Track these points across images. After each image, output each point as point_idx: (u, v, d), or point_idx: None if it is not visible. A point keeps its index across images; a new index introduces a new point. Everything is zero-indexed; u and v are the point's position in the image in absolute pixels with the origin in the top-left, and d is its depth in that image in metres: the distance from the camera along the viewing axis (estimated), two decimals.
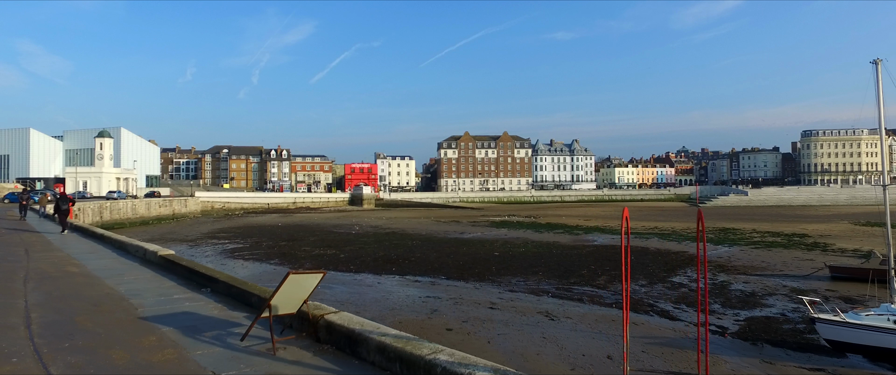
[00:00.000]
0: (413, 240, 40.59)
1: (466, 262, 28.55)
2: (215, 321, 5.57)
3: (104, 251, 11.71)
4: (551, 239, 40.84)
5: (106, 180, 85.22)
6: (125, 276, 8.58)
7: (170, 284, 7.68)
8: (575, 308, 18.10)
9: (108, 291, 7.35)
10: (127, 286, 7.73)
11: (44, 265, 9.73)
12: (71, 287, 7.79)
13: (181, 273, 7.93)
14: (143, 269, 9.17)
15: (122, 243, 11.50)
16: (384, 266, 27.10)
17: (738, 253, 31.40)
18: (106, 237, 13.05)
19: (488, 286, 22.12)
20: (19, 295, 7.07)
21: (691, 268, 26.34)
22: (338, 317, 4.12)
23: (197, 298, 6.60)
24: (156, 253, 9.09)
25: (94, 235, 14.48)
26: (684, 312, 17.47)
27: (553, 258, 29.90)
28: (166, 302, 6.52)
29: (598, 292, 21.01)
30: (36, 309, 6.27)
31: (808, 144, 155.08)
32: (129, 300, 6.68)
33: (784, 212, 78.48)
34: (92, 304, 6.51)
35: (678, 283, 22.69)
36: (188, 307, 6.18)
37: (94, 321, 5.59)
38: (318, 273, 4.30)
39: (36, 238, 15.43)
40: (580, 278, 23.87)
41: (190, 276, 7.61)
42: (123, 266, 9.70)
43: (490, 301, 18.92)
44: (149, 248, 9.66)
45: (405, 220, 65.73)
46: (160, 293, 7.11)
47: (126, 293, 7.17)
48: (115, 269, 9.41)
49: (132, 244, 10.69)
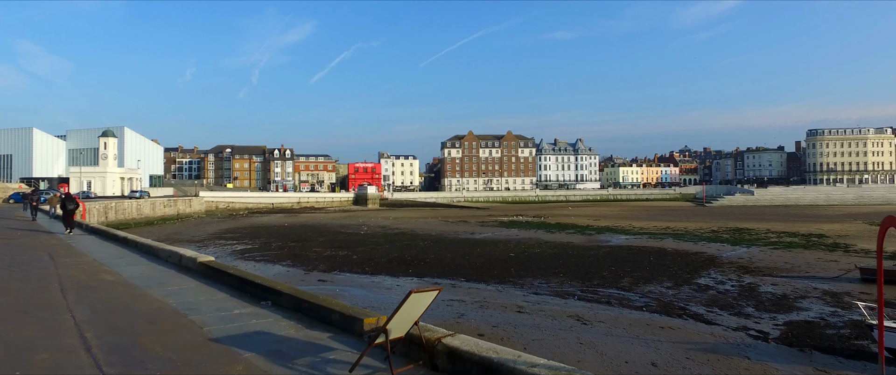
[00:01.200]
0: (424, 241, 40.06)
1: (483, 263, 28.01)
2: (300, 344, 5.02)
3: (132, 255, 11.18)
4: (564, 240, 40.29)
5: (110, 180, 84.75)
6: (167, 286, 8.04)
7: (221, 295, 7.12)
8: (605, 312, 17.55)
9: (158, 304, 6.82)
10: (175, 298, 7.19)
11: (75, 272, 9.23)
12: (115, 299, 7.26)
13: (229, 283, 7.37)
14: (183, 277, 8.66)
15: (149, 247, 10.96)
16: (400, 268, 26.57)
17: (758, 254, 30.83)
18: (130, 240, 12.49)
19: (510, 288, 21.59)
20: (63, 309, 6.54)
21: (715, 269, 25.79)
22: (459, 341, 3.56)
23: (260, 313, 6.06)
24: (195, 260, 8.55)
25: (115, 238, 13.94)
26: (719, 315, 16.92)
27: (570, 259, 29.34)
28: (230, 319, 5.96)
29: (625, 294, 20.46)
30: (89, 327, 5.73)
31: (813, 143, 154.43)
32: (186, 316, 6.14)
33: (793, 212, 77.88)
34: (147, 321, 6.00)
35: (704, 285, 22.12)
36: (257, 325, 5.62)
37: (162, 344, 5.06)
38: (434, 290, 3.76)
39: (55, 241, 14.91)
40: (603, 280, 23.32)
41: (241, 286, 7.05)
42: (160, 274, 9.20)
43: (516, 305, 18.38)
44: (185, 253, 9.13)
45: (412, 220, 65.22)
46: (217, 307, 6.55)
47: (178, 306, 6.62)
48: (153, 277, 8.88)
49: (162, 249, 10.15)
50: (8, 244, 14.79)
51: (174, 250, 9.76)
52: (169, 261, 9.77)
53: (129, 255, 11.19)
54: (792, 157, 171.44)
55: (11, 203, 58.47)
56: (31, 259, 10.96)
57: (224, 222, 66.31)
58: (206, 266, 8.23)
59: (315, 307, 5.38)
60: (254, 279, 6.78)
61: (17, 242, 14.77)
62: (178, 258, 9.27)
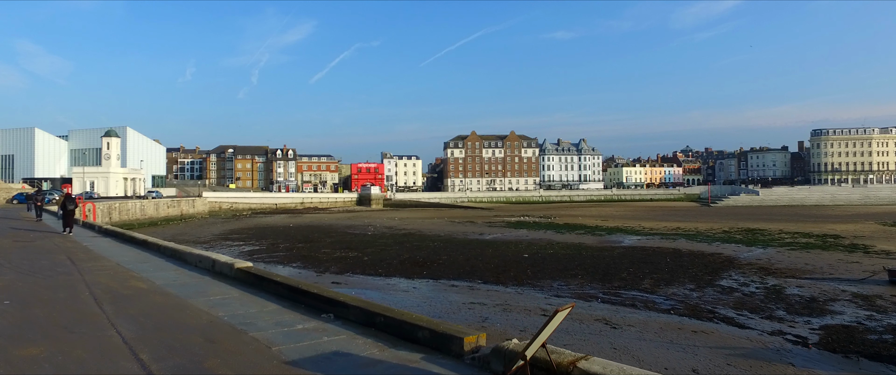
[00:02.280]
0: (434, 241, 39.56)
1: (497, 264, 27.51)
2: (393, 369, 4.40)
3: (156, 259, 10.62)
4: (575, 240, 39.79)
5: (113, 181, 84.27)
6: (208, 295, 7.43)
7: (272, 307, 6.51)
8: (632, 315, 17.04)
9: (208, 317, 6.21)
10: (223, 310, 6.58)
11: (102, 278, 8.69)
12: (158, 311, 6.66)
13: (276, 292, 6.78)
14: (221, 285, 8.08)
15: (174, 251, 10.42)
16: (413, 270, 26.07)
17: (776, 255, 30.30)
18: (150, 242, 11.97)
19: (530, 290, 21.08)
20: (103, 323, 5.97)
21: (735, 271, 25.28)
22: (599, 367, 3.04)
23: (327, 328, 5.47)
24: (232, 266, 8.00)
25: (133, 240, 13.39)
26: (750, 319, 16.40)
27: (586, 261, 28.83)
28: (296, 336, 5.32)
29: (648, 296, 19.94)
30: (141, 347, 5.12)
31: (817, 143, 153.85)
32: (246, 332, 5.52)
33: (800, 212, 77.36)
34: (205, 338, 5.38)
35: (728, 287, 21.60)
36: (331, 343, 5.01)
37: (232, 368, 4.45)
38: (566, 306, 3.26)
39: (70, 244, 14.41)
40: (623, 281, 22.81)
41: (291, 296, 6.46)
42: (195, 281, 8.59)
43: (539, 308, 17.87)
44: (218, 258, 8.60)
45: (418, 220, 64.74)
46: (275, 321, 5.92)
47: (231, 320, 6.00)
48: (189, 285, 8.28)
49: (190, 253, 9.61)
50: (24, 248, 14.40)
51: (205, 254, 9.20)
52: (199, 266, 9.28)
53: (153, 259, 10.62)
54: (796, 157, 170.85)
55: (15, 204, 58.00)
56: (52, 264, 10.53)
57: (228, 223, 65.90)
58: (245, 273, 7.68)
59: (394, 323, 4.80)
60: (308, 288, 6.21)
61: (32, 245, 14.18)
62: (211, 263, 8.70)
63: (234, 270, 8.16)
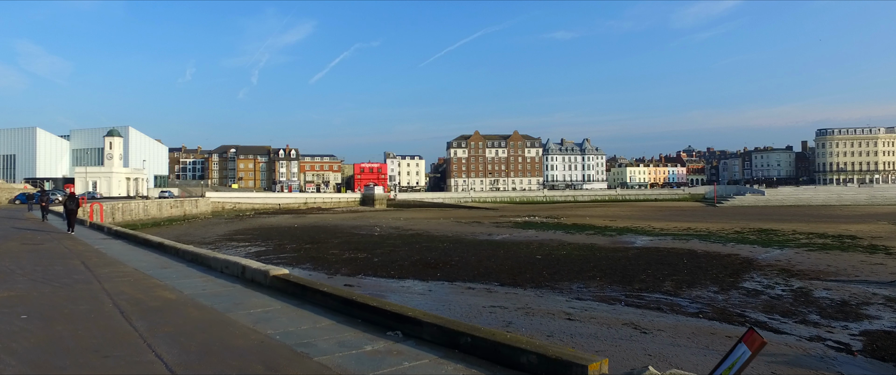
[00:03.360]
0: (443, 242, 38.98)
1: (512, 266, 26.91)
2: None
3: (177, 264, 9.90)
4: (586, 241, 39.18)
5: (116, 180, 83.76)
6: (247, 307, 6.69)
7: (326, 322, 5.76)
8: (660, 319, 16.43)
9: (259, 337, 5.40)
10: (273, 327, 5.77)
11: (124, 287, 8.03)
12: (198, 329, 5.86)
13: (324, 304, 5.99)
14: (258, 295, 7.35)
15: (195, 255, 9.74)
16: (427, 272, 25.47)
17: (795, 256, 29.67)
18: (167, 246, 11.33)
19: (550, 293, 20.47)
20: (139, 345, 5.20)
21: (756, 272, 24.65)
22: None
23: (402, 350, 4.75)
24: (266, 274, 7.29)
25: (147, 243, 12.74)
26: (784, 323, 15.78)
27: (601, 262, 28.22)
28: (370, 361, 4.59)
29: (673, 299, 19.33)
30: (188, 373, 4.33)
31: (822, 142, 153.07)
32: (309, 356, 4.76)
33: (808, 212, 76.69)
34: (265, 366, 4.59)
35: (752, 289, 20.98)
36: (416, 370, 4.32)
37: None
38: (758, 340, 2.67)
39: (81, 246, 13.77)
40: (643, 283, 22.21)
41: (345, 309, 5.76)
42: (227, 290, 7.88)
43: (563, 311, 17.26)
44: (249, 265, 7.89)
45: (424, 221, 64.15)
46: (336, 341, 5.18)
47: (286, 340, 5.26)
48: (221, 295, 7.55)
49: (215, 258, 8.91)
50: (34, 251, 13.89)
51: (233, 259, 8.45)
52: (226, 273, 8.59)
53: (174, 264, 9.89)
54: (800, 156, 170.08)
55: (17, 204, 57.48)
56: (67, 270, 9.82)
57: (232, 223, 65.39)
58: (283, 281, 6.97)
59: (486, 345, 4.09)
60: (366, 300, 5.47)
61: (42, 248, 13.46)
62: (240, 270, 7.99)
63: (269, 278, 7.44)
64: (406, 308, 5.19)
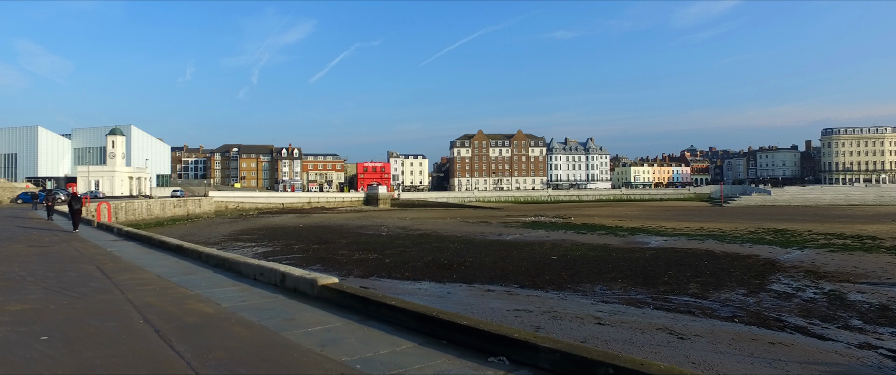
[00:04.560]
0: (453, 243, 38.24)
1: (528, 267, 26.19)
2: None
3: (201, 270, 8.91)
4: (599, 241, 38.44)
5: (118, 180, 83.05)
6: (305, 326, 5.67)
7: (407, 345, 4.82)
8: (694, 323, 15.68)
9: (334, 366, 4.39)
10: (344, 351, 4.79)
11: (151, 298, 7.14)
12: (253, 354, 4.85)
13: (394, 320, 5.12)
14: (309, 308, 6.41)
15: (222, 259, 8.81)
16: (441, 273, 24.74)
17: (817, 257, 28.92)
18: (186, 249, 10.52)
19: (573, 295, 19.74)
20: None
21: (782, 274, 23.90)
22: None
23: None
24: (314, 283, 6.31)
25: (163, 245, 11.89)
26: (826, 329, 15.03)
27: (619, 263, 27.48)
28: None
29: (701, 302, 18.60)
30: None
31: (828, 142, 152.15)
32: None
33: (817, 212, 75.90)
34: None
35: (782, 292, 20.23)
36: None
37: None
38: None
39: (93, 249, 12.97)
40: (668, 286, 21.47)
41: (425, 328, 4.81)
42: (270, 302, 6.93)
43: (591, 316, 16.51)
44: (290, 272, 6.93)
45: (430, 220, 63.43)
46: (433, 370, 4.29)
47: (368, 370, 4.35)
48: (266, 308, 6.63)
49: (246, 263, 7.96)
50: (42, 254, 13.07)
51: (268, 265, 7.46)
52: (261, 281, 7.61)
53: (198, 270, 8.89)
54: (805, 156, 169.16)
55: (20, 203, 56.81)
56: (82, 277, 8.93)
57: (236, 223, 64.73)
58: (335, 292, 5.95)
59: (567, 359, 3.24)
60: (453, 318, 4.41)
61: (51, 251, 12.54)
62: (279, 278, 7.12)
63: (317, 288, 6.46)
64: (511, 329, 4.41)
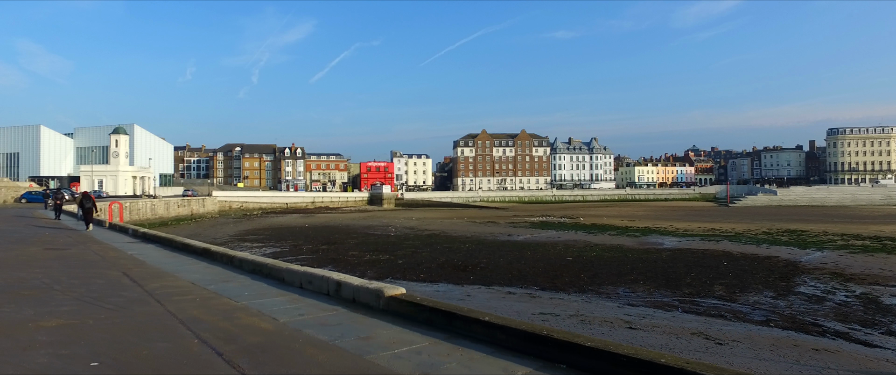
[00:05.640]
0: (464, 243, 37.67)
1: (545, 268, 25.60)
2: None
3: (236, 276, 8.43)
4: (612, 242, 37.86)
5: (122, 179, 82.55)
6: (385, 345, 5.01)
7: (522, 371, 4.15)
8: (729, 328, 15.07)
9: None
10: None
11: (195, 310, 6.40)
12: None
13: (490, 338, 4.49)
14: (380, 323, 5.75)
15: (260, 265, 8.04)
16: (458, 275, 24.15)
17: (839, 259, 28.33)
18: (215, 252, 9.88)
19: (596, 298, 19.14)
20: None
21: (807, 276, 23.32)
22: None
23: None
24: (379, 294, 5.78)
25: (187, 248, 11.14)
26: (870, 335, 14.43)
27: (637, 264, 26.91)
28: None
29: (731, 305, 18.01)
30: None
31: (833, 142, 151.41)
32: None
33: (826, 212, 75.27)
34: None
35: (813, 295, 19.64)
36: None
37: None
38: None
39: (112, 252, 12.33)
40: (692, 288, 20.88)
41: (529, 347, 4.19)
42: (331, 316, 6.26)
43: (621, 319, 15.90)
44: (346, 280, 6.16)
45: (437, 221, 62.86)
46: None
47: None
48: (330, 323, 5.97)
49: (288, 270, 7.20)
50: (61, 258, 12.29)
51: (318, 273, 6.89)
52: (309, 289, 6.89)
53: (234, 276, 8.04)
54: (810, 156, 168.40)
55: (24, 203, 56.29)
56: (110, 285, 8.17)
57: (241, 223, 64.25)
58: (410, 305, 5.14)
59: None
60: (572, 339, 3.91)
61: (68, 254, 11.77)
62: (333, 287, 6.43)
63: (384, 299, 5.80)
64: (655, 353, 3.81)
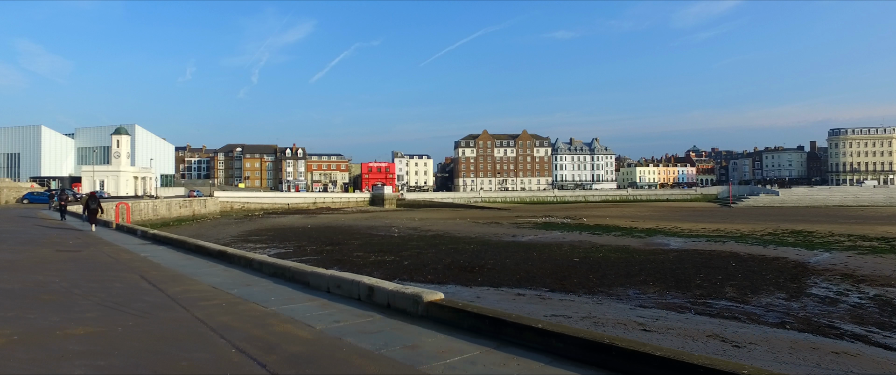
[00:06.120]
0: (469, 244, 37.48)
1: (553, 270, 25.41)
2: None
3: (258, 280, 8.14)
4: (617, 242, 37.68)
5: (123, 180, 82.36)
6: (434, 355, 4.74)
7: None
8: (744, 330, 14.89)
9: None
10: None
11: (224, 317, 6.11)
12: None
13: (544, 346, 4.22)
14: (424, 331, 5.44)
15: (281, 269, 7.72)
16: (465, 276, 23.97)
17: (848, 260, 28.15)
18: (231, 255, 9.61)
19: (607, 300, 18.96)
20: None
21: (817, 277, 23.13)
22: None
23: None
24: (418, 299, 5.49)
25: (202, 251, 10.85)
26: (888, 337, 14.23)
27: (645, 266, 26.72)
28: None
29: (744, 307, 17.82)
30: None
31: (835, 142, 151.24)
32: None
33: (828, 213, 75.13)
34: None
35: (825, 296, 19.44)
36: None
37: None
38: None
39: (125, 255, 12.08)
40: (703, 290, 20.70)
41: (587, 356, 3.86)
42: (367, 322, 6.01)
43: (634, 321, 15.72)
44: (379, 285, 6.09)
45: (440, 221, 62.69)
46: None
47: None
48: (369, 330, 5.72)
49: (314, 273, 6.88)
50: (74, 260, 11.96)
51: (346, 277, 6.69)
52: (337, 294, 6.61)
53: (255, 279, 7.94)
54: (811, 157, 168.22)
55: (26, 204, 56.08)
56: (131, 289, 7.92)
57: (243, 224, 64.09)
58: (452, 311, 4.94)
59: None
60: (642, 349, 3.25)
61: (81, 257, 11.41)
62: (365, 292, 6.14)
63: (423, 305, 5.47)
64: (734, 364, 3.54)
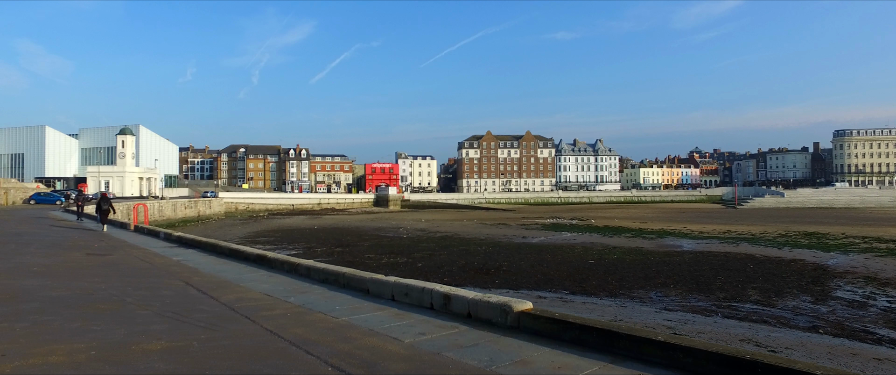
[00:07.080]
0: (479, 245, 37.16)
1: (570, 271, 25.08)
2: None
3: (309, 287, 7.77)
4: (629, 244, 37.33)
5: (128, 180, 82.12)
6: (548, 372, 4.41)
7: None
8: (777, 335, 14.56)
9: None
10: None
11: (299, 330, 5.60)
12: None
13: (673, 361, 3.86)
14: (523, 344, 5.02)
15: (333, 274, 7.23)
16: (481, 278, 23.65)
17: (867, 262, 27.79)
18: (270, 259, 9.40)
19: (631, 303, 18.62)
20: None
21: (840, 280, 22.78)
22: None
23: None
24: (509, 310, 5.10)
25: (234, 253, 10.48)
26: None
27: (662, 267, 26.39)
28: None
29: (771, 311, 17.48)
30: None
31: (840, 143, 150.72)
32: None
33: (836, 214, 74.73)
34: None
35: (852, 300, 19.10)
36: None
37: None
38: None
39: (158, 259, 11.70)
40: (725, 292, 20.36)
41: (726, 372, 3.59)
42: (458, 335, 5.58)
43: (663, 325, 15.37)
44: (457, 294, 5.68)
45: (447, 222, 62.38)
46: None
47: None
48: (462, 344, 5.30)
49: (372, 280, 6.34)
50: (109, 265, 11.56)
51: (417, 285, 6.23)
52: (404, 302, 6.19)
53: (306, 285, 7.67)
54: (816, 158, 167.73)
55: (33, 204, 55.80)
56: (181, 296, 7.54)
57: (248, 225, 63.82)
58: (550, 322, 4.58)
59: None
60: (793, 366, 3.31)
61: (111, 260, 10.83)
62: (440, 300, 5.66)
63: (513, 315, 4.99)
64: None
